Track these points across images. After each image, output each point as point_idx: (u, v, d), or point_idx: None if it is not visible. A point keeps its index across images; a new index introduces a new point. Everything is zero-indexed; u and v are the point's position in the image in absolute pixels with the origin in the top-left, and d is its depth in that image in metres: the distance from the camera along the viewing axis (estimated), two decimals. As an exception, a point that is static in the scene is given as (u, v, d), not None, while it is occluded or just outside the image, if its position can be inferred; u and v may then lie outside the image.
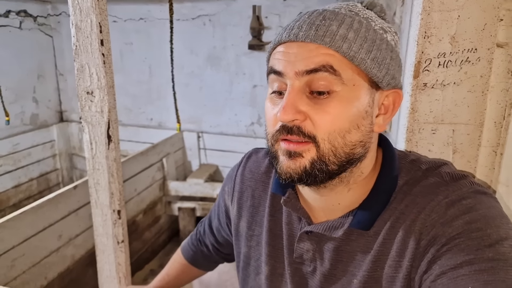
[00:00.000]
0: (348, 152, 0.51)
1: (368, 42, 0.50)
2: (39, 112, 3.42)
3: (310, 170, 0.51)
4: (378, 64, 0.50)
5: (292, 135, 0.50)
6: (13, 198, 3.11)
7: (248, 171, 0.73)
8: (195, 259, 0.93)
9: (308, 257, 0.61)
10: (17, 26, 3.14)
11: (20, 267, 1.70)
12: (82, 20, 0.90)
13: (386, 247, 0.54)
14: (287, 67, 0.50)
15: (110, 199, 0.99)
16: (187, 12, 3.03)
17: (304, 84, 0.50)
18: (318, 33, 0.49)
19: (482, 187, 0.54)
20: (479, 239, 0.46)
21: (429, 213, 0.51)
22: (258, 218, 0.69)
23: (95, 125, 0.95)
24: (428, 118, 0.69)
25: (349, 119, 0.50)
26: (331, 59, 0.49)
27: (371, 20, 0.52)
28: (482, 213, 0.49)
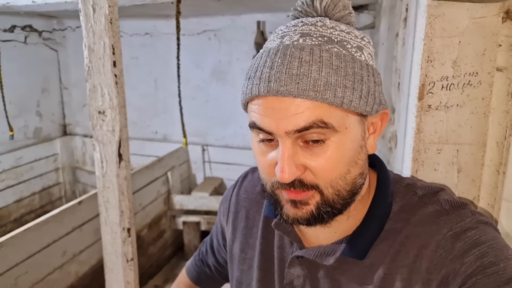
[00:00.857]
0: (350, 189, 0.51)
1: (351, 79, 0.47)
2: (43, 126, 3.45)
3: (317, 215, 0.51)
4: (365, 98, 0.49)
5: (295, 188, 0.50)
6: (14, 213, 3.11)
7: (243, 191, 0.72)
8: (200, 279, 0.92)
9: (299, 283, 0.59)
10: (22, 40, 3.19)
11: (23, 285, 1.68)
12: (95, 42, 0.93)
13: (387, 283, 0.52)
14: (274, 126, 0.47)
15: (120, 217, 1.00)
16: (192, 27, 3.09)
17: (295, 138, 0.48)
18: (300, 87, 0.45)
19: (483, 215, 0.53)
20: (495, 275, 0.45)
21: (435, 248, 0.50)
22: (251, 240, 0.67)
23: (106, 144, 0.97)
24: (433, 138, 0.71)
25: (347, 162, 0.50)
26: (319, 112, 0.46)
27: (346, 41, 0.49)
28: (490, 245, 0.48)
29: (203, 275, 0.90)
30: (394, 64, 1.14)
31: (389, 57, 1.30)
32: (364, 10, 2.58)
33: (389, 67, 1.29)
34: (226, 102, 3.17)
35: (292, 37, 0.49)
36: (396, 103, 1.07)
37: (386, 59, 1.43)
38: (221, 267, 0.86)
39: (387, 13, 1.44)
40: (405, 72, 0.86)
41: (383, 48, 1.59)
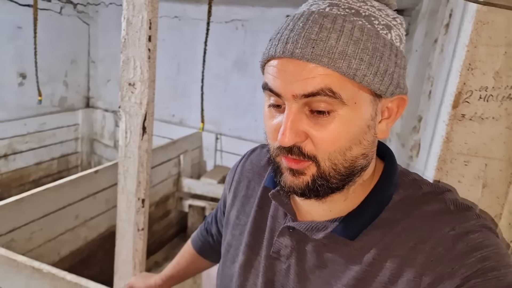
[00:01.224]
0: (348, 166, 0.50)
1: (370, 54, 0.46)
2: (68, 96, 3.53)
3: (312, 186, 0.51)
4: (381, 76, 0.47)
5: (293, 155, 0.49)
6: (33, 175, 3.21)
7: (249, 163, 0.73)
8: (203, 249, 0.95)
9: (285, 254, 0.59)
10: (57, 11, 3.26)
11: (37, 241, 1.76)
12: (134, 16, 0.94)
13: (375, 268, 0.51)
14: (283, 88, 0.47)
15: (137, 187, 1.02)
16: (221, 15, 3.10)
17: (302, 104, 0.47)
18: (315, 52, 0.45)
19: (487, 221, 0.51)
20: (496, 280, 0.44)
21: (434, 245, 0.48)
22: (247, 208, 0.68)
23: (133, 116, 0.99)
24: (462, 149, 0.70)
25: (350, 138, 0.48)
26: (330, 80, 0.46)
27: (374, 17, 0.48)
28: (492, 250, 0.47)
29: (206, 244, 0.93)
30: (427, 71, 1.12)
31: (422, 64, 1.28)
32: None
33: (420, 75, 1.27)
34: (244, 93, 3.17)
35: (320, 5, 0.49)
36: (424, 111, 1.05)
37: (418, 66, 1.40)
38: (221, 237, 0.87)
39: (426, 18, 1.41)
40: (440, 80, 0.84)
41: (415, 56, 1.56)
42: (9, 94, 2.96)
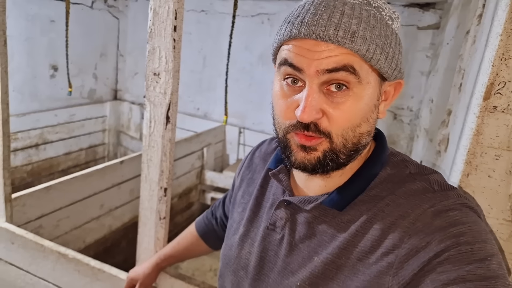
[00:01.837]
0: (355, 142, 0.54)
1: (383, 40, 0.51)
2: (97, 88, 3.64)
3: (323, 161, 0.54)
4: (390, 61, 0.53)
5: (309, 131, 0.52)
6: (62, 164, 3.34)
7: (258, 151, 0.79)
8: (205, 232, 0.97)
9: (280, 225, 0.63)
10: (89, 5, 3.35)
11: (63, 228, 1.82)
12: (161, 6, 0.95)
13: (356, 239, 0.55)
14: (307, 64, 0.50)
15: (159, 176, 1.04)
16: (248, 8, 3.09)
17: (322, 82, 0.51)
18: (339, 35, 0.49)
19: (469, 201, 0.53)
20: (469, 253, 0.46)
21: (413, 221, 0.51)
22: (251, 188, 0.74)
23: (157, 105, 1.01)
24: (493, 143, 0.67)
25: (361, 115, 0.53)
26: (352, 59, 0.50)
27: (381, 8, 0.53)
28: (468, 226, 0.49)
29: (210, 227, 0.96)
30: (458, 63, 1.07)
31: (454, 56, 1.23)
32: (430, 9, 2.45)
33: (450, 68, 1.23)
34: (268, 87, 3.16)
35: None
36: (454, 104, 1.01)
37: (449, 59, 1.35)
38: (226, 221, 0.92)
39: (458, 10, 1.35)
40: (471, 71, 0.81)
41: (446, 48, 1.51)
42: (41, 86, 3.08)
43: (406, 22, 2.55)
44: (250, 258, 0.66)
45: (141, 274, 1.01)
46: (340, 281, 0.54)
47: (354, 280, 0.53)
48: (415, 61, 2.56)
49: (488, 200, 0.70)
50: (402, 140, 2.73)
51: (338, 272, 0.55)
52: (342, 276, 0.55)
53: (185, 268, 2.55)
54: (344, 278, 0.54)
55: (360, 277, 0.53)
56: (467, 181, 0.70)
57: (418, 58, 2.55)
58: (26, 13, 2.83)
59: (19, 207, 1.55)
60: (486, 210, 0.70)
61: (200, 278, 2.44)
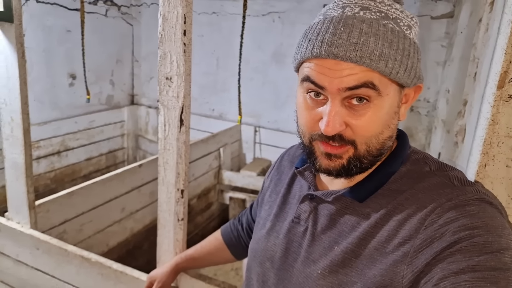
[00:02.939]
0: (379, 148, 0.58)
1: (401, 53, 0.53)
2: (114, 94, 3.72)
3: (347, 167, 0.58)
4: (409, 71, 0.55)
5: (334, 142, 0.56)
6: (84, 170, 3.43)
7: (287, 154, 0.83)
8: (230, 238, 0.99)
9: (304, 218, 0.67)
10: (103, 13, 3.43)
11: (87, 232, 1.88)
12: (170, 11, 0.97)
13: (375, 230, 0.57)
14: (329, 82, 0.53)
15: (176, 178, 1.06)
16: (258, 8, 3.10)
17: (344, 97, 0.54)
18: (358, 54, 0.51)
19: (489, 196, 0.54)
20: (481, 246, 0.47)
21: (429, 213, 0.53)
22: (278, 188, 0.78)
23: (170, 109, 1.02)
24: (510, 132, 0.65)
25: (382, 123, 0.56)
26: (371, 75, 0.53)
27: (399, 19, 0.55)
28: (484, 221, 0.50)
29: (235, 232, 0.98)
30: (472, 52, 1.05)
31: (467, 45, 1.20)
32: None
33: (465, 57, 1.20)
34: (282, 85, 3.16)
35: (353, 9, 0.55)
36: (469, 94, 0.99)
37: (464, 48, 1.32)
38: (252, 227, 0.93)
39: (471, -2, 1.32)
40: (485, 60, 0.79)
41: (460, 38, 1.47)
42: (61, 94, 3.17)
43: (419, 12, 2.50)
44: (276, 250, 0.69)
45: (159, 273, 1.04)
46: (359, 269, 0.57)
47: (371, 268, 0.55)
48: (430, 51, 2.51)
49: (508, 190, 0.68)
50: (420, 133, 2.68)
51: (356, 260, 0.57)
52: (360, 264, 0.57)
53: (207, 269, 2.58)
54: (362, 267, 0.56)
55: (377, 265, 0.55)
56: (484, 172, 0.69)
57: (433, 48, 2.50)
58: (43, 25, 2.92)
59: (43, 213, 1.60)
60: (506, 201, 0.68)
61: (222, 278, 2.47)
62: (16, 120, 1.33)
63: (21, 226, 1.42)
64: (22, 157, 1.35)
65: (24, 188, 1.38)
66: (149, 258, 2.31)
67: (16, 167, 1.38)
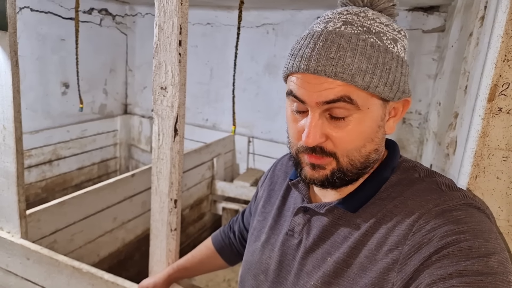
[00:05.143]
0: (363, 161, 0.59)
1: (380, 67, 0.54)
2: (107, 103, 3.70)
3: (331, 178, 0.59)
4: (390, 86, 0.55)
5: (316, 154, 0.58)
6: (75, 179, 3.39)
7: (280, 164, 0.84)
8: (221, 245, 0.99)
9: (298, 230, 0.67)
10: (97, 23, 3.43)
11: (77, 242, 1.85)
12: (165, 22, 0.98)
13: (366, 238, 0.58)
14: (308, 96, 0.55)
15: (169, 188, 1.06)
16: (252, 19, 3.13)
17: (323, 110, 0.55)
18: (334, 69, 0.53)
19: (476, 201, 0.55)
20: (468, 250, 0.48)
21: (417, 219, 0.54)
22: (272, 199, 0.78)
23: (165, 118, 1.03)
24: (500, 144, 0.66)
25: (364, 137, 0.57)
26: (348, 90, 0.53)
27: (382, 33, 0.55)
28: (471, 226, 0.50)
29: (226, 241, 0.98)
30: (463, 66, 1.07)
31: (458, 59, 1.23)
32: (434, 12, 2.45)
33: (456, 70, 1.22)
34: (275, 96, 3.18)
35: (335, 23, 0.56)
36: (460, 107, 1.01)
37: (454, 61, 1.35)
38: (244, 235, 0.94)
39: (461, 13, 1.35)
40: (475, 73, 0.81)
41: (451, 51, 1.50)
42: (53, 103, 3.15)
43: (411, 26, 2.55)
44: (270, 263, 0.70)
45: (151, 283, 1.02)
46: (350, 278, 0.57)
47: (362, 277, 0.56)
48: (422, 64, 2.55)
49: (498, 202, 0.69)
50: (412, 145, 2.71)
51: (348, 270, 0.58)
52: (351, 273, 0.57)
53: (199, 279, 2.54)
54: (354, 276, 0.57)
55: (368, 274, 0.56)
56: (475, 183, 0.70)
57: (425, 61, 2.54)
58: (37, 33, 2.92)
59: (34, 222, 1.58)
60: (496, 212, 0.69)
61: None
62: (8, 129, 1.32)
63: (12, 235, 1.40)
64: (14, 166, 1.33)
65: (15, 197, 1.36)
66: (140, 269, 2.28)
67: (7, 176, 1.36)
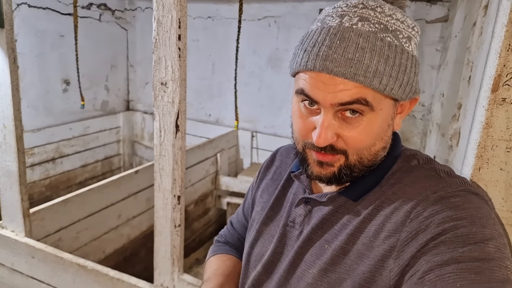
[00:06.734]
0: (371, 159, 0.58)
1: (397, 69, 0.53)
2: (109, 100, 3.70)
3: (338, 175, 0.59)
4: (404, 87, 0.55)
5: (326, 152, 0.57)
6: (79, 177, 3.41)
7: (279, 154, 0.83)
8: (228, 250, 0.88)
9: (299, 221, 0.67)
10: (97, 18, 3.42)
11: (83, 240, 1.86)
12: (164, 16, 0.96)
13: (363, 225, 0.58)
14: (323, 97, 0.53)
15: (172, 184, 1.06)
16: (254, 12, 3.11)
17: (337, 110, 0.54)
18: (352, 71, 0.51)
19: (474, 188, 0.55)
20: (465, 237, 0.47)
21: (415, 206, 0.54)
22: (271, 189, 0.77)
23: (166, 115, 1.02)
24: (504, 135, 0.65)
25: (375, 136, 0.56)
26: (365, 92, 0.52)
27: (399, 31, 0.54)
28: (468, 212, 0.50)
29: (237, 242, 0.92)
30: (466, 56, 1.05)
31: (462, 49, 1.21)
32: (437, 2, 2.41)
33: (459, 61, 1.21)
34: (278, 90, 3.16)
35: (351, 19, 0.54)
36: (463, 98, 1.00)
37: (458, 52, 1.33)
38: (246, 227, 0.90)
39: (465, 2, 1.33)
40: (479, 64, 0.80)
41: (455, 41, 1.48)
42: (55, 100, 3.15)
43: (414, 16, 2.51)
44: (269, 253, 0.69)
45: None
46: (347, 265, 0.57)
47: (360, 264, 0.56)
48: (425, 55, 2.52)
49: (502, 193, 0.68)
50: (416, 136, 2.69)
51: (345, 257, 0.58)
52: (348, 260, 0.57)
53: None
54: (351, 263, 0.57)
55: (365, 261, 0.55)
56: (479, 175, 0.69)
57: (428, 52, 2.52)
58: (35, 30, 2.91)
59: (38, 221, 1.58)
60: (500, 203, 0.69)
61: None
62: (8, 127, 1.32)
63: (16, 234, 1.41)
64: (16, 165, 1.34)
65: (18, 196, 1.37)
66: (146, 265, 2.29)
67: (9, 175, 1.36)
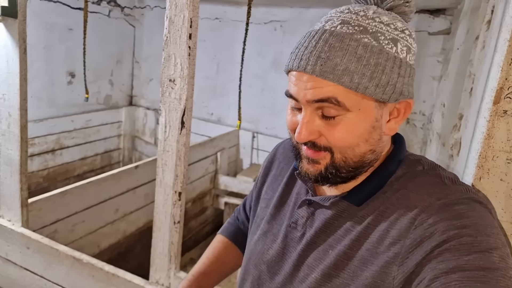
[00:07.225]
0: (357, 161, 0.59)
1: (371, 68, 0.53)
2: (113, 94, 3.72)
3: (324, 174, 0.60)
4: (383, 87, 0.54)
5: (309, 148, 0.59)
6: (78, 169, 3.41)
7: (282, 148, 0.83)
8: (234, 233, 0.92)
9: (301, 223, 0.67)
10: (106, 14, 3.44)
11: (78, 233, 1.85)
12: (176, 15, 0.98)
13: (367, 231, 0.58)
14: (299, 94, 0.57)
15: (174, 180, 1.07)
16: (260, 16, 3.13)
17: (315, 108, 0.56)
18: (322, 69, 0.53)
19: (479, 196, 0.55)
20: (469, 245, 0.48)
21: (419, 212, 0.54)
22: (275, 185, 0.77)
23: (172, 111, 1.03)
24: (505, 147, 0.67)
25: (357, 136, 0.57)
26: (336, 91, 0.54)
27: (380, 33, 0.54)
28: (473, 220, 0.50)
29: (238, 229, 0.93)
30: (469, 68, 1.07)
31: (464, 62, 1.23)
32: (440, 15, 2.44)
33: (461, 73, 1.22)
34: (281, 92, 3.15)
35: (333, 22, 0.56)
36: (465, 109, 1.01)
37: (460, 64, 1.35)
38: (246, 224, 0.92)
39: (468, 16, 1.35)
40: (481, 76, 0.81)
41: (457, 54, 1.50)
42: (59, 92, 3.16)
43: (417, 28, 2.54)
44: (272, 253, 0.70)
45: None
46: (351, 271, 0.57)
47: (363, 270, 0.56)
48: (427, 66, 2.55)
49: (502, 204, 0.70)
50: (416, 145, 2.71)
51: (349, 262, 0.58)
52: (352, 266, 0.57)
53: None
54: (355, 268, 0.57)
55: (369, 267, 0.56)
56: (479, 185, 0.71)
57: (430, 63, 2.54)
58: (45, 22, 2.93)
59: (35, 211, 1.58)
60: (500, 214, 0.70)
61: None
62: (13, 116, 1.33)
63: (12, 224, 1.41)
64: (18, 154, 1.35)
65: (17, 185, 1.37)
66: (141, 261, 2.29)
67: (11, 163, 1.37)
